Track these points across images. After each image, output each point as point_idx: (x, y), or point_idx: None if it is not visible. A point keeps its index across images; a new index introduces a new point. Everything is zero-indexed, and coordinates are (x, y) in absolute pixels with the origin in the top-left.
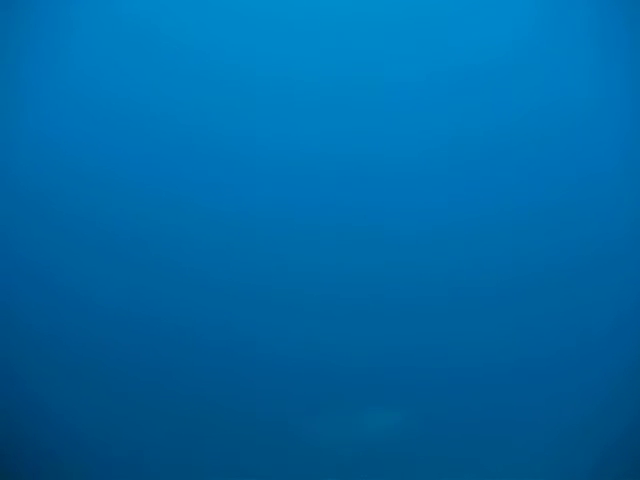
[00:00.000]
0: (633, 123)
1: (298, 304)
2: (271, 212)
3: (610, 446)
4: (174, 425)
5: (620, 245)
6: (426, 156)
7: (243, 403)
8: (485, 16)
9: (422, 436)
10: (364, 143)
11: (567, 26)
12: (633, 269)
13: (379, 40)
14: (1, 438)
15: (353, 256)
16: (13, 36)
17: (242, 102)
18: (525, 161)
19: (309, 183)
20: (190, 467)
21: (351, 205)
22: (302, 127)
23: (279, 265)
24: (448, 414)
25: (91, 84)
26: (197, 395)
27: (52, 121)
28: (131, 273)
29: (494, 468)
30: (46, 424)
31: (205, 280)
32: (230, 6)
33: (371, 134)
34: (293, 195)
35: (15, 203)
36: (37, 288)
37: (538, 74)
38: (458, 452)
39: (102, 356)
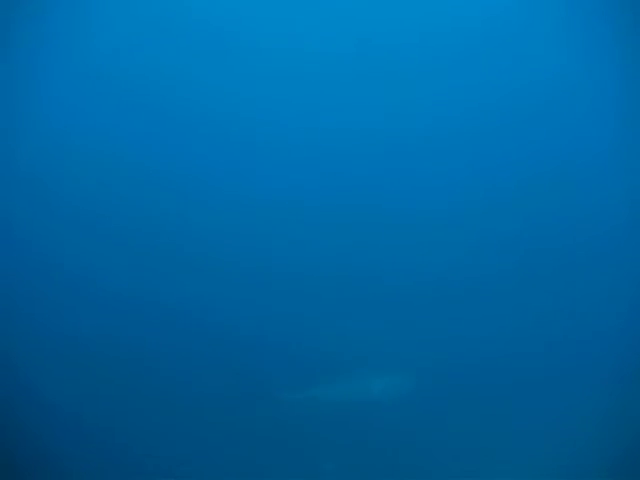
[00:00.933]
0: (619, 96)
1: (308, 292)
2: (276, 200)
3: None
4: (176, 415)
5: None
6: (418, 139)
7: (248, 398)
8: None
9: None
10: (356, 125)
11: (552, 4)
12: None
13: (374, 18)
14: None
15: (357, 241)
16: (29, 25)
17: (259, 86)
18: (518, 139)
19: (311, 171)
20: (193, 457)
21: (353, 192)
22: (307, 102)
23: (282, 256)
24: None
25: (107, 68)
26: (199, 383)
27: (61, 107)
28: (134, 260)
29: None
30: (47, 415)
31: (209, 271)
32: None
33: (362, 116)
34: (298, 181)
35: (20, 193)
36: (40, 278)
37: (525, 50)
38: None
39: (104, 345)
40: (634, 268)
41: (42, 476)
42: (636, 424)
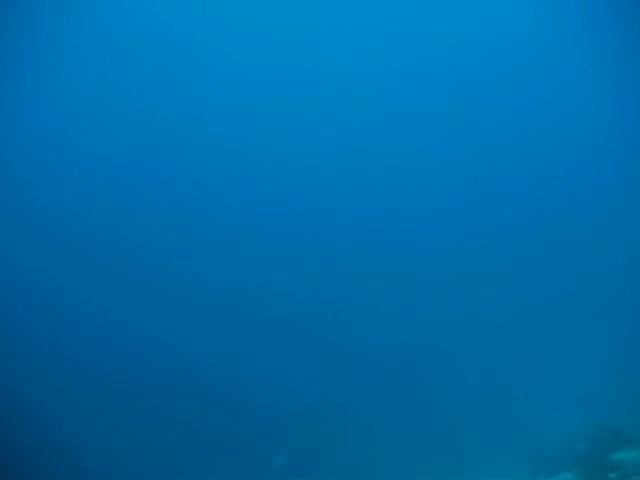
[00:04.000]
0: (633, 124)
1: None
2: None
3: None
4: (170, 434)
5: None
6: (428, 163)
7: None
8: (486, 19)
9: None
10: (368, 156)
11: (567, 30)
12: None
13: (382, 42)
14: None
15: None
16: (10, 44)
17: (236, 106)
18: (530, 164)
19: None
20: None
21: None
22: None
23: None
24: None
25: (86, 92)
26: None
27: (45, 129)
28: (120, 282)
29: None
30: (41, 441)
31: (199, 295)
32: (223, 12)
33: (372, 140)
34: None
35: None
36: (29, 304)
37: (539, 77)
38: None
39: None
40: None
41: None
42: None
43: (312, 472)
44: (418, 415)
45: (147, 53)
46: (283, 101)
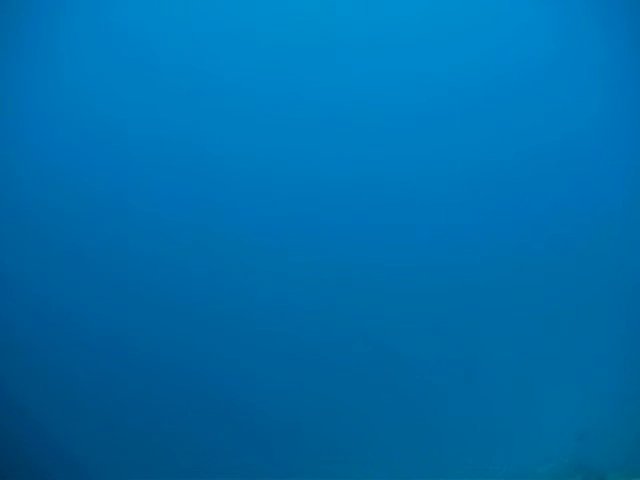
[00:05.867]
0: None
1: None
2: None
3: None
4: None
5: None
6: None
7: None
8: (499, 33)
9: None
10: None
11: (580, 48)
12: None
13: (397, 57)
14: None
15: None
16: (9, 44)
17: (235, 117)
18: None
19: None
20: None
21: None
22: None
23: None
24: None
25: (82, 102)
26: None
27: (40, 138)
28: (121, 292)
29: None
30: (44, 448)
31: (198, 307)
32: (219, 26)
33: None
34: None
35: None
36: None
37: (551, 97)
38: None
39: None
40: None
41: None
42: None
43: (311, 472)
44: (413, 422)
45: (147, 59)
46: (282, 112)
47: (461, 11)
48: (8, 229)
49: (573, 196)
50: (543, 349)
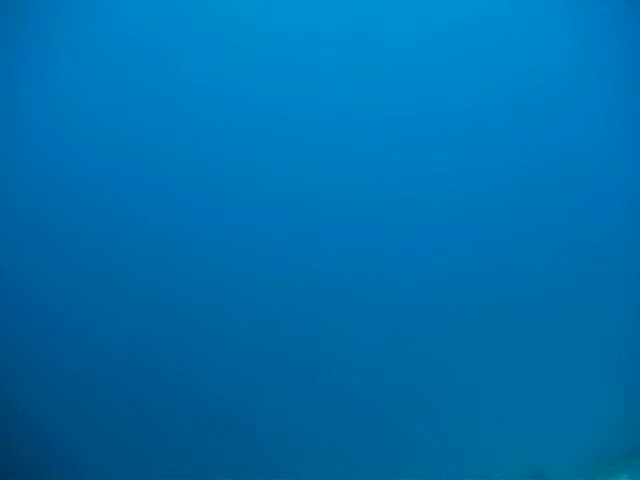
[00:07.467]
0: None
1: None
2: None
3: None
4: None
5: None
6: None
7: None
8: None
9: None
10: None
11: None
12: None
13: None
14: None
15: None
16: (8, 45)
17: (224, 122)
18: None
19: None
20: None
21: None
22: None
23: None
24: None
25: (82, 104)
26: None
27: (40, 143)
28: (126, 300)
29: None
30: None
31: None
32: (220, 26)
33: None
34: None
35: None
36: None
37: (564, 112)
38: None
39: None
40: None
41: None
42: None
43: (311, 473)
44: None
45: (147, 60)
46: (281, 118)
47: (473, 24)
48: (8, 229)
49: (595, 212)
50: (545, 359)
